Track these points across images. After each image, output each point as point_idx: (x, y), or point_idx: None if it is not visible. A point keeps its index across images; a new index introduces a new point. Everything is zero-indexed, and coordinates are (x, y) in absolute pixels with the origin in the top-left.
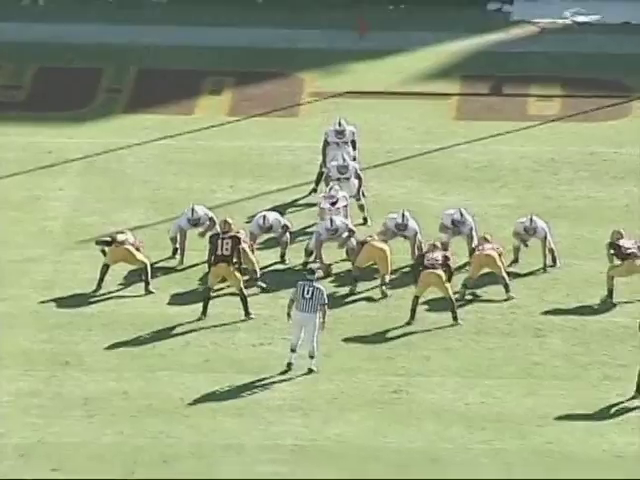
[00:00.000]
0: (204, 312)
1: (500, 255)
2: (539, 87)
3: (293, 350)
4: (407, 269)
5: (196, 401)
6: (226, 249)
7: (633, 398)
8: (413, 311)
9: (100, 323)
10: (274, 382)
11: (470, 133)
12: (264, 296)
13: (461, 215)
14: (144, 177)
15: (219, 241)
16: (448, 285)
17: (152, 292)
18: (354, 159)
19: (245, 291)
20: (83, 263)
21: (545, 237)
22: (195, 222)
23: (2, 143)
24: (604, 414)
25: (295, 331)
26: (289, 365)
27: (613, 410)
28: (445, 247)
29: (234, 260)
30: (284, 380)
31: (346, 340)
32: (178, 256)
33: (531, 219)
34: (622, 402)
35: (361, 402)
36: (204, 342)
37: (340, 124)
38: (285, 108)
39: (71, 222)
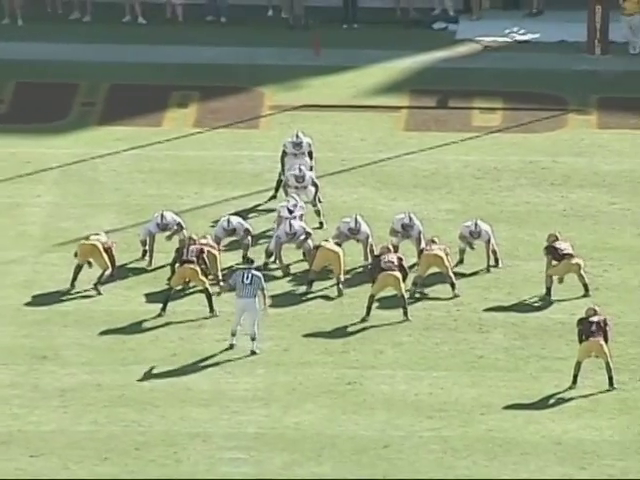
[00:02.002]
0: (163, 308)
1: (447, 255)
2: (482, 101)
3: (233, 334)
4: (360, 270)
5: (165, 392)
6: (191, 255)
7: (570, 389)
8: (369, 308)
9: (75, 320)
10: (237, 374)
11: (418, 143)
12: (227, 294)
13: (410, 219)
14: (116, 185)
15: (184, 250)
16: (403, 285)
17: (100, 293)
18: (311, 168)
19: (210, 290)
20: (60, 264)
21: (489, 240)
22: (164, 227)
23: None
24: (543, 404)
25: (236, 316)
26: (231, 346)
27: (551, 400)
28: (395, 249)
29: (199, 265)
30: (247, 373)
31: (304, 335)
32: (147, 258)
33: (476, 223)
34: (559, 392)
35: (318, 393)
36: (172, 337)
37: (297, 136)
38: (246, 120)
39: (48, 226)
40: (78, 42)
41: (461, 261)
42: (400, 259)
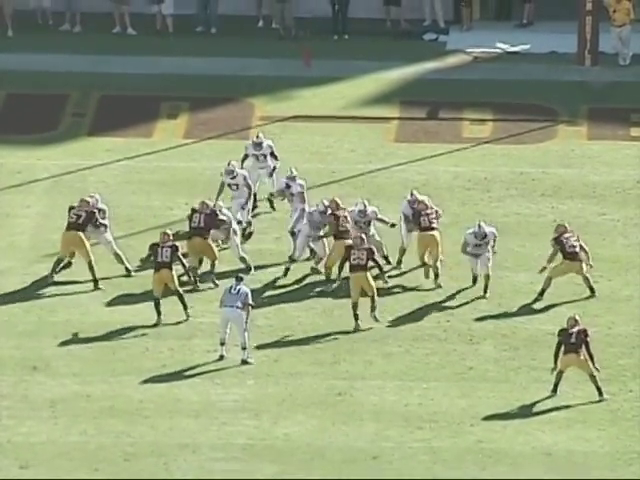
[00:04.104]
0: (159, 316)
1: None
2: (472, 112)
3: (222, 343)
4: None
5: (154, 403)
6: (165, 256)
7: (548, 397)
8: (356, 316)
9: (65, 331)
10: (227, 385)
11: (408, 154)
12: (216, 305)
13: (364, 206)
14: (105, 195)
15: (159, 249)
16: (373, 283)
17: (100, 288)
18: (273, 169)
19: (181, 290)
20: (47, 276)
21: (494, 240)
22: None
23: None
24: (532, 414)
25: (222, 326)
26: (221, 357)
27: (541, 411)
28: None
29: (174, 263)
30: (236, 383)
31: (294, 346)
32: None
33: (479, 225)
34: (549, 403)
35: (307, 404)
36: (161, 348)
37: (258, 136)
38: (237, 131)
39: (38, 237)
40: (68, 53)
41: (474, 281)
42: (370, 251)
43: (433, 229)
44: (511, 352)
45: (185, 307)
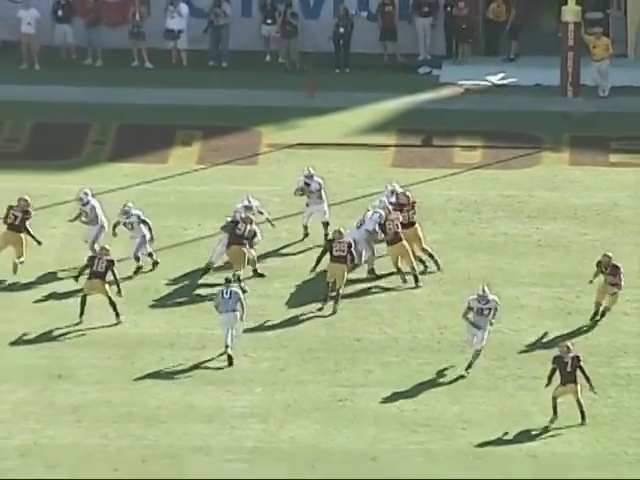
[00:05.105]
0: (81, 314)
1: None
2: (463, 139)
3: (227, 346)
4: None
5: (170, 409)
6: (100, 267)
7: (552, 421)
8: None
9: (88, 342)
10: (237, 392)
11: (404, 179)
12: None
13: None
14: None
15: (96, 260)
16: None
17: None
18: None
19: (113, 299)
20: (72, 291)
21: (495, 309)
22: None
23: (5, 188)
24: (520, 419)
25: (223, 330)
26: (228, 356)
27: (527, 416)
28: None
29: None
30: (245, 391)
31: (298, 356)
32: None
33: (483, 289)
34: (534, 409)
35: (311, 409)
36: (176, 358)
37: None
38: (245, 157)
39: (62, 256)
40: (90, 85)
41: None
42: (349, 245)
43: (401, 240)
44: (499, 362)
45: (117, 315)
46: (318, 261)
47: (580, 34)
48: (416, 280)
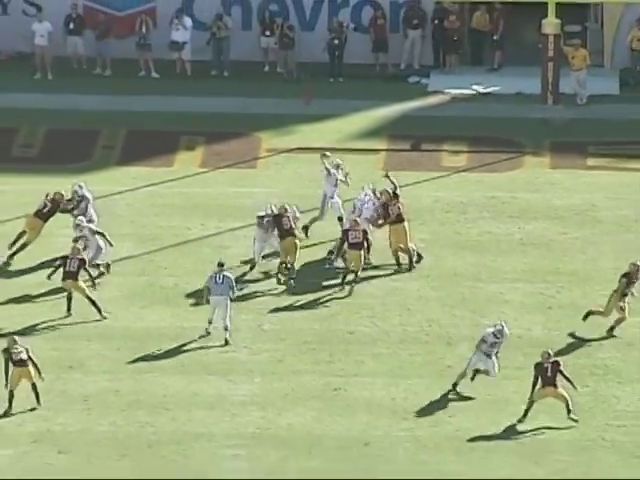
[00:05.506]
0: (68, 309)
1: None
2: (450, 144)
3: (210, 322)
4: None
5: (175, 397)
6: (73, 267)
7: (519, 422)
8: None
9: (97, 335)
10: (238, 382)
11: (395, 181)
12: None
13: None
14: (132, 217)
15: (67, 261)
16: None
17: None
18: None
19: (92, 296)
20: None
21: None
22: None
23: (20, 190)
24: (503, 407)
25: (211, 310)
26: (207, 332)
27: (510, 404)
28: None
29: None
30: (245, 380)
31: (295, 348)
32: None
33: (502, 325)
34: (517, 398)
35: (307, 398)
36: (180, 349)
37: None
38: (246, 161)
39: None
40: (100, 94)
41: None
42: (364, 232)
43: (403, 220)
44: None
45: (99, 311)
46: (339, 250)
47: (560, 45)
48: (411, 262)
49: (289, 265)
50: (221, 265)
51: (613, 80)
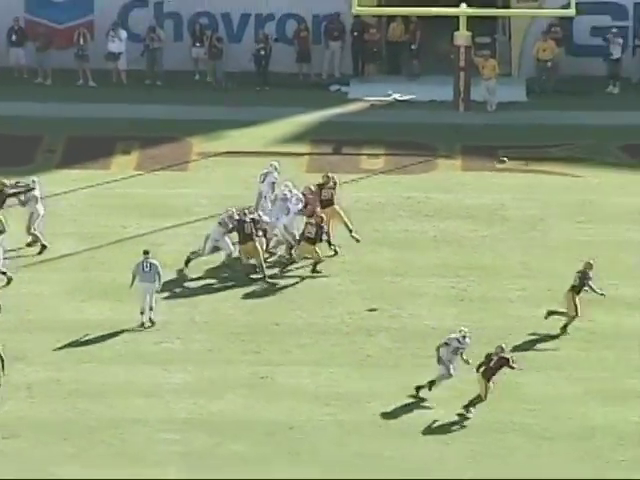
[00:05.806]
0: None
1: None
2: (369, 148)
3: (142, 313)
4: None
5: (112, 386)
6: None
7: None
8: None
9: (39, 327)
10: (172, 371)
11: (317, 182)
12: (163, 304)
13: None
14: (73, 217)
15: None
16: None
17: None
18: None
19: None
20: (27, 281)
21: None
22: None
23: None
24: (419, 393)
25: (141, 298)
26: (142, 324)
27: (425, 389)
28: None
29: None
30: (179, 369)
31: (224, 338)
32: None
33: (465, 333)
34: (432, 384)
35: (237, 385)
36: (118, 341)
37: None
38: (178, 164)
39: (16, 252)
40: (41, 101)
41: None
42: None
43: (332, 204)
44: (401, 343)
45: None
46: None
47: (470, 56)
48: (351, 231)
49: (257, 267)
50: (146, 253)
51: (520, 88)
